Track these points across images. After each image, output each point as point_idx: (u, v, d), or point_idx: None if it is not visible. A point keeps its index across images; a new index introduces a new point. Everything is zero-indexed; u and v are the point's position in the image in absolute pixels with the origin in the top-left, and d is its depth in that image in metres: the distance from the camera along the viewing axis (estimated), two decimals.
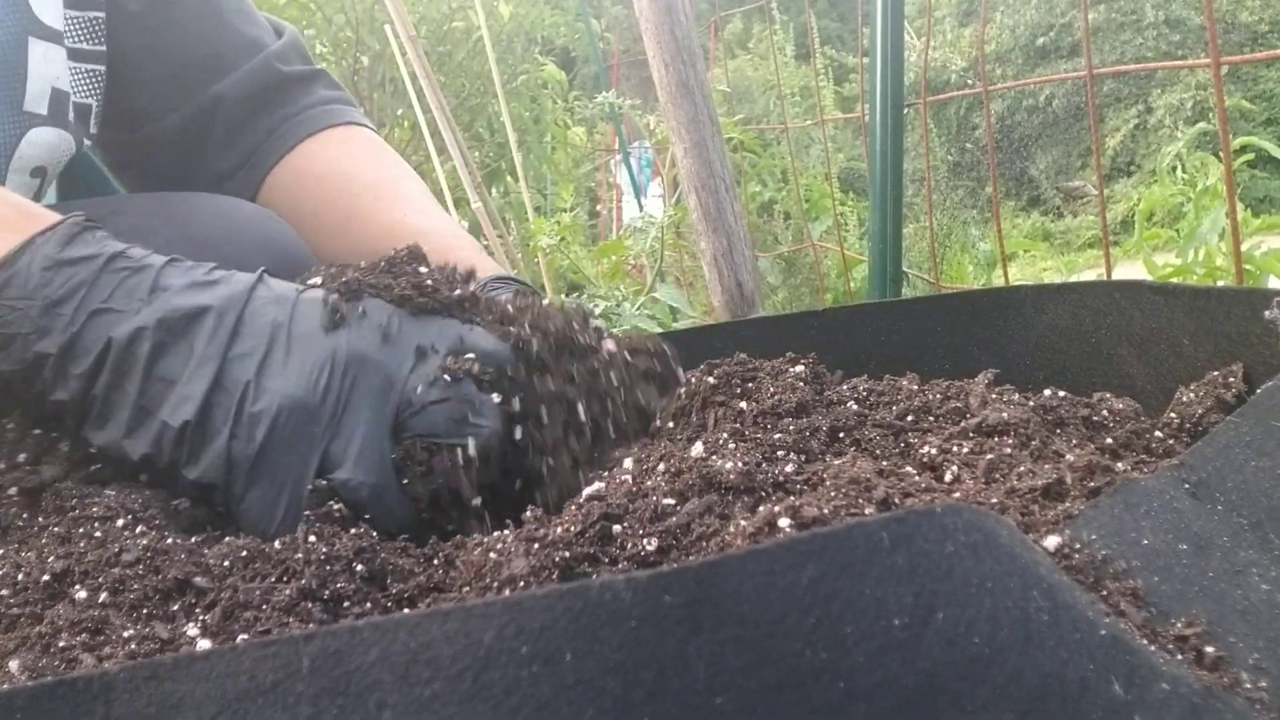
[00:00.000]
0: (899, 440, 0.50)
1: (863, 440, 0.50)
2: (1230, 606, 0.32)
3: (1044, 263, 4.94)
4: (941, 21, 9.20)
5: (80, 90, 0.79)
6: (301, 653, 0.26)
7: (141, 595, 0.40)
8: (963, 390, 0.54)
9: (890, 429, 0.51)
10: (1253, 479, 0.37)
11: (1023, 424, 0.45)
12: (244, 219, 0.78)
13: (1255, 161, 1.66)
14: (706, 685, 0.25)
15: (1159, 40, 8.34)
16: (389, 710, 0.25)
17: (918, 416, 0.52)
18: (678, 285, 2.22)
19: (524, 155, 2.90)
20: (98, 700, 0.27)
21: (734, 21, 8.36)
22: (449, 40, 3.04)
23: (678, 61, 1.59)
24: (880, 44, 1.36)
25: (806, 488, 0.41)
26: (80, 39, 0.79)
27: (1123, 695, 0.26)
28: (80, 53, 0.79)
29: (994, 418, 0.45)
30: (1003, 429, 0.45)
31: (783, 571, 0.25)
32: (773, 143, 2.68)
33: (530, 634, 0.25)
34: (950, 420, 0.51)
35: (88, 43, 0.79)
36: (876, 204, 1.44)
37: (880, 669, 0.25)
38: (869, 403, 0.56)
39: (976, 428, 0.45)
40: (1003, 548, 0.27)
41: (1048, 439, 0.45)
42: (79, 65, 0.79)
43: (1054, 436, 0.46)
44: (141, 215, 0.76)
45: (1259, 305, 0.53)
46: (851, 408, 0.54)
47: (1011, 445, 0.44)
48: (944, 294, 0.93)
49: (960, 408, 0.52)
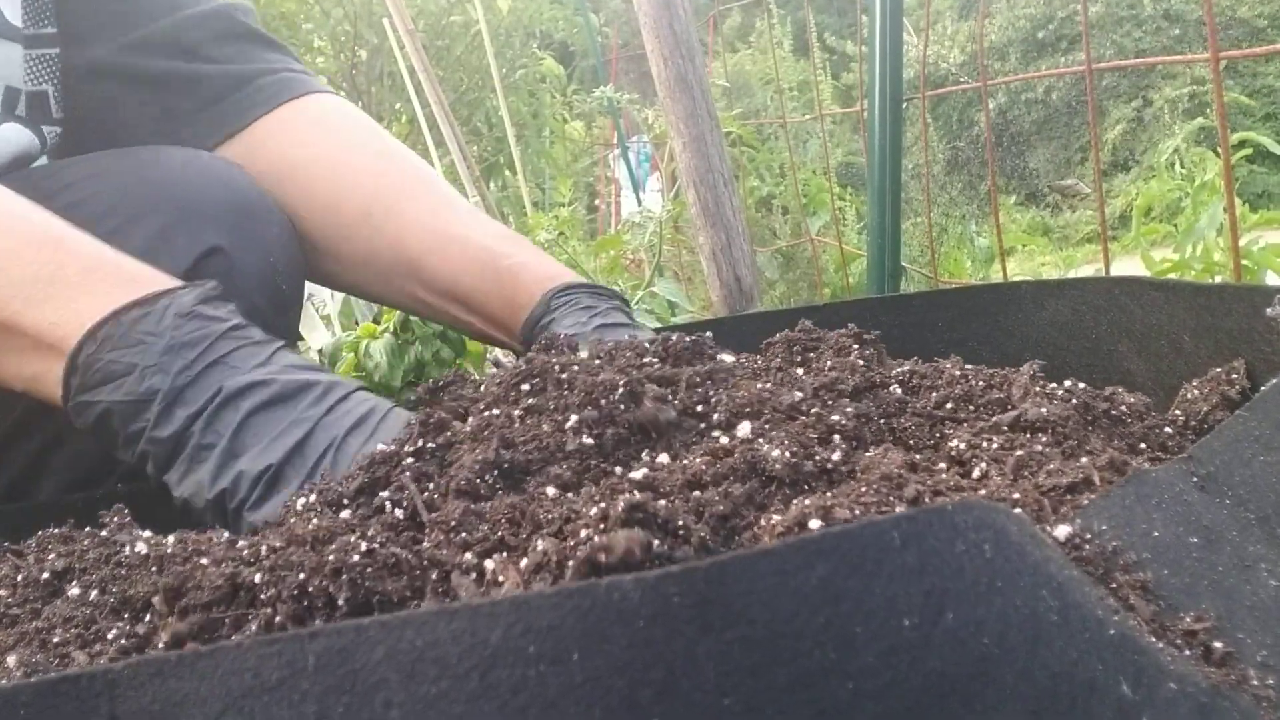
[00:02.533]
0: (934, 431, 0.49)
1: (898, 430, 0.50)
2: (1239, 602, 0.32)
3: (1042, 258, 4.95)
4: (941, 16, 9.18)
5: (37, 77, 0.77)
6: (307, 650, 0.26)
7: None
8: (1006, 380, 0.54)
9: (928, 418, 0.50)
10: (1260, 474, 0.37)
11: (1061, 421, 0.45)
12: (205, 163, 0.78)
13: (1254, 157, 1.66)
14: (715, 685, 0.25)
15: (1158, 34, 8.33)
16: (395, 709, 0.25)
17: (957, 405, 0.52)
18: (676, 280, 2.22)
19: (522, 149, 2.89)
20: (101, 697, 0.27)
21: (732, 16, 8.33)
22: (447, 34, 3.03)
23: (676, 56, 1.59)
24: (879, 38, 1.36)
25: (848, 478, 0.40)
26: (38, 23, 0.77)
27: (1131, 695, 0.26)
28: (38, 38, 0.77)
29: (1033, 413, 0.45)
30: (1041, 425, 0.45)
31: (792, 571, 0.25)
32: (771, 137, 2.68)
33: (538, 633, 0.25)
34: (991, 411, 0.50)
35: (41, 26, 0.77)
36: (875, 199, 1.44)
37: (890, 669, 0.24)
38: (911, 386, 0.55)
39: (1013, 422, 0.45)
40: (1013, 545, 0.26)
41: (1084, 437, 0.45)
42: (34, 52, 0.77)
43: (1090, 435, 0.46)
44: (104, 162, 0.76)
45: (1260, 302, 0.53)
46: (895, 392, 0.53)
47: (1045, 443, 0.43)
48: (943, 289, 0.92)
49: (1002, 398, 0.51)
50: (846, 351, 0.56)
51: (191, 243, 0.72)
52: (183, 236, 0.72)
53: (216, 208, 0.74)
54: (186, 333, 0.54)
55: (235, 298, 0.72)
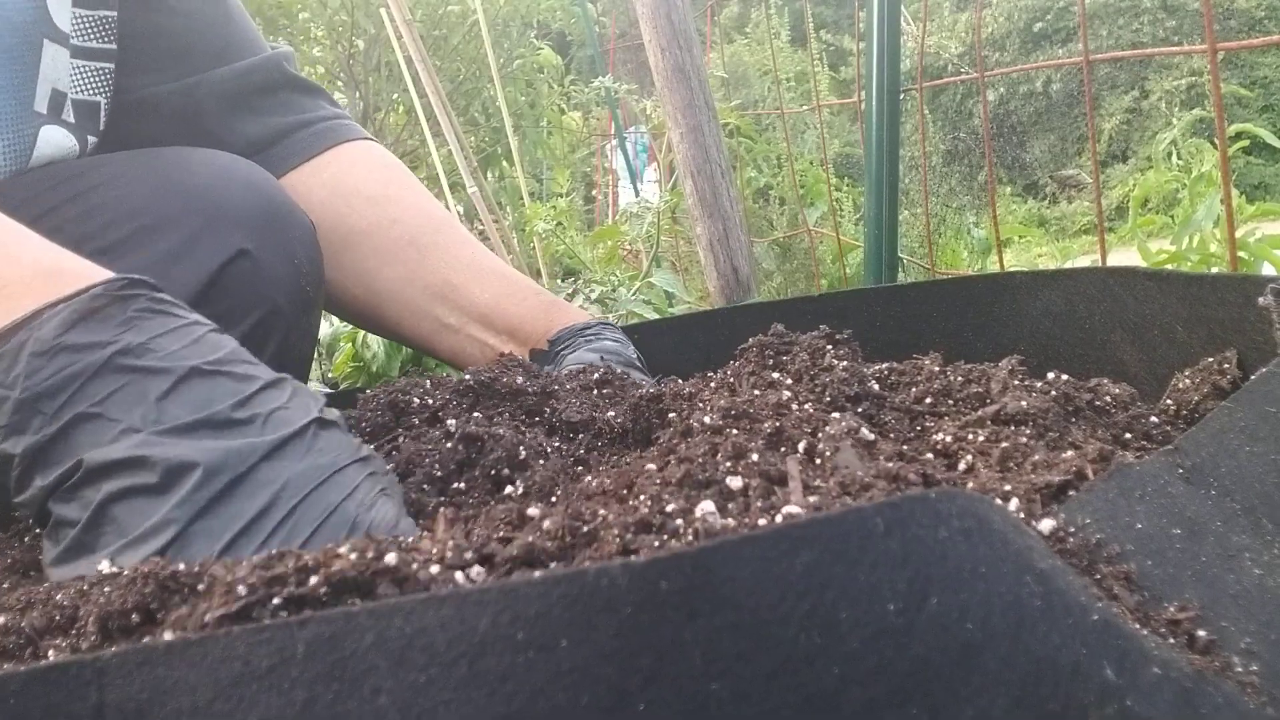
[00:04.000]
0: (915, 424, 0.49)
1: (880, 425, 0.50)
2: (1223, 591, 0.32)
3: (1039, 249, 4.94)
4: (938, 6, 9.16)
5: (86, 88, 0.79)
6: (296, 638, 0.26)
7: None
8: (985, 375, 0.54)
9: (908, 413, 0.50)
10: (1246, 464, 0.37)
11: (1042, 413, 0.45)
12: (229, 164, 0.78)
13: (1251, 148, 1.66)
14: (702, 671, 0.25)
15: (1155, 25, 8.32)
16: (385, 695, 0.25)
17: (937, 400, 0.52)
18: (673, 270, 2.22)
19: (520, 140, 2.89)
20: (90, 685, 0.27)
21: (730, 6, 8.32)
22: (445, 24, 3.02)
23: (674, 46, 1.58)
24: (876, 29, 1.36)
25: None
26: (89, 37, 0.78)
27: (1115, 679, 0.26)
28: (88, 51, 0.78)
29: (1013, 406, 0.45)
30: (1021, 418, 0.45)
31: (778, 557, 0.25)
32: (769, 128, 2.67)
33: (526, 620, 0.25)
34: (971, 405, 0.50)
35: (97, 41, 0.79)
36: (872, 189, 1.44)
37: (874, 654, 0.25)
38: (889, 383, 0.55)
39: (995, 416, 0.45)
40: (996, 533, 0.27)
41: (1065, 429, 0.45)
42: (86, 63, 0.78)
43: (1071, 426, 0.46)
44: (129, 163, 0.76)
45: (1252, 292, 0.53)
46: (872, 387, 0.53)
47: (1028, 435, 0.43)
48: (939, 279, 0.93)
49: (981, 393, 0.51)
50: (821, 353, 0.56)
51: (218, 247, 0.72)
52: (209, 240, 0.72)
53: (242, 211, 0.74)
54: (46, 377, 0.42)
55: (260, 300, 0.73)
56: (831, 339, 0.58)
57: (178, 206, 0.72)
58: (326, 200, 0.90)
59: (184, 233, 0.71)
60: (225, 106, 0.88)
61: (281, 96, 0.92)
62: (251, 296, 0.73)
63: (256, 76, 0.90)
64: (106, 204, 0.72)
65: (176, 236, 0.71)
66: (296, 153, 0.91)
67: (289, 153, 0.91)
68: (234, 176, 0.76)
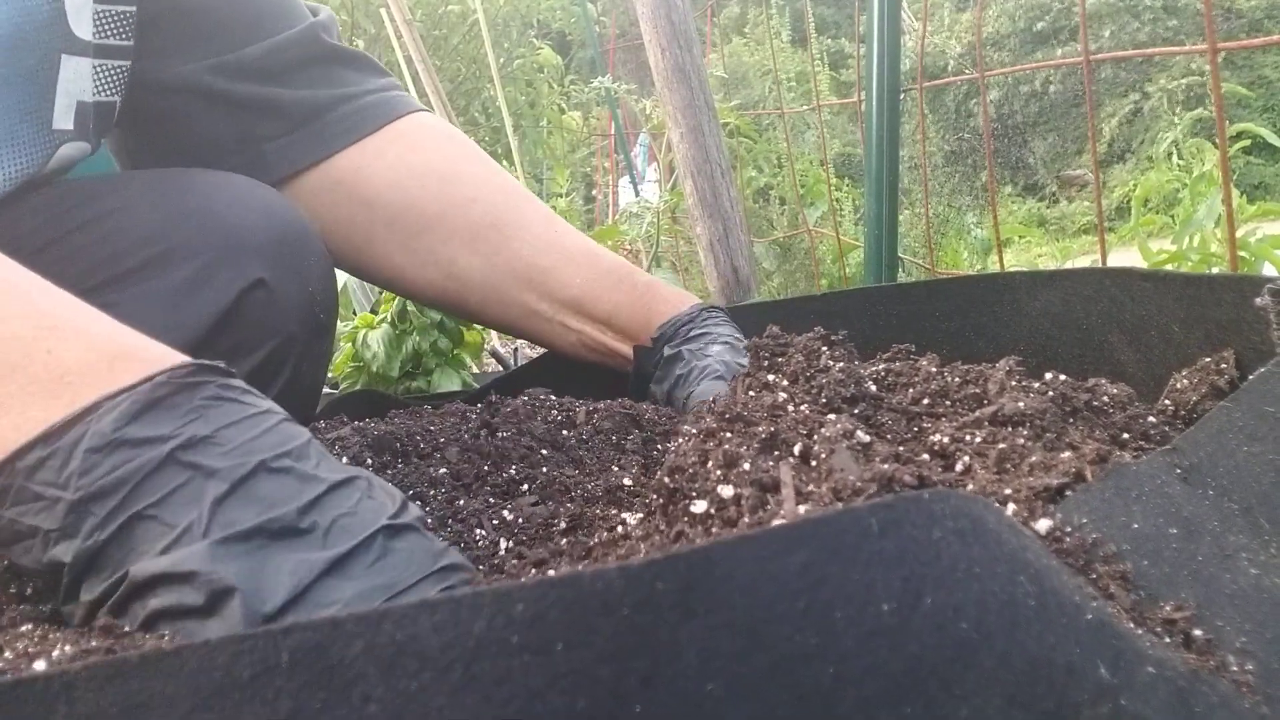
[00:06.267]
0: (912, 425, 0.49)
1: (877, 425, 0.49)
2: (1219, 590, 0.32)
3: (1039, 249, 4.95)
4: (939, 6, 9.16)
5: (105, 89, 0.77)
6: (280, 647, 0.26)
7: None
8: (982, 376, 0.54)
9: (905, 414, 0.50)
10: (1244, 464, 0.37)
11: (1039, 414, 0.45)
12: (244, 189, 0.77)
13: (1251, 148, 1.66)
14: (698, 672, 0.25)
15: (1156, 25, 8.32)
16: (374, 703, 0.25)
17: (934, 401, 0.52)
18: (674, 270, 2.22)
19: (520, 140, 2.89)
20: (59, 699, 0.26)
21: (730, 6, 8.32)
22: (445, 24, 3.02)
23: (674, 46, 1.59)
24: (877, 29, 1.36)
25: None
26: (109, 34, 0.76)
27: (1109, 678, 0.26)
28: (108, 49, 0.76)
29: (1010, 407, 0.45)
30: (1019, 419, 0.45)
31: (773, 558, 0.25)
32: (769, 128, 2.68)
33: (521, 624, 0.25)
34: (968, 406, 0.50)
35: (115, 38, 0.77)
36: (872, 190, 1.43)
37: (869, 654, 0.25)
38: (886, 384, 0.55)
39: (992, 416, 0.45)
40: (990, 533, 0.27)
41: (1063, 429, 0.45)
42: (105, 62, 0.76)
43: (1069, 426, 0.46)
44: (140, 187, 0.75)
45: (1249, 292, 0.53)
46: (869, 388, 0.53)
47: (1026, 435, 0.43)
48: (939, 279, 0.93)
49: (978, 393, 0.51)
50: (816, 355, 0.56)
51: (235, 276, 0.70)
52: (226, 269, 0.70)
53: (258, 238, 0.73)
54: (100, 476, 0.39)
55: (275, 330, 0.72)
56: (827, 340, 0.58)
57: (194, 233, 0.71)
58: (396, 182, 0.88)
59: (201, 261, 0.70)
60: (258, 85, 0.85)
61: (321, 70, 0.88)
62: (267, 326, 0.72)
63: (292, 52, 0.86)
64: (122, 229, 0.71)
65: (193, 265, 0.70)
66: (345, 131, 0.88)
67: (335, 131, 0.88)
68: (251, 203, 0.75)
